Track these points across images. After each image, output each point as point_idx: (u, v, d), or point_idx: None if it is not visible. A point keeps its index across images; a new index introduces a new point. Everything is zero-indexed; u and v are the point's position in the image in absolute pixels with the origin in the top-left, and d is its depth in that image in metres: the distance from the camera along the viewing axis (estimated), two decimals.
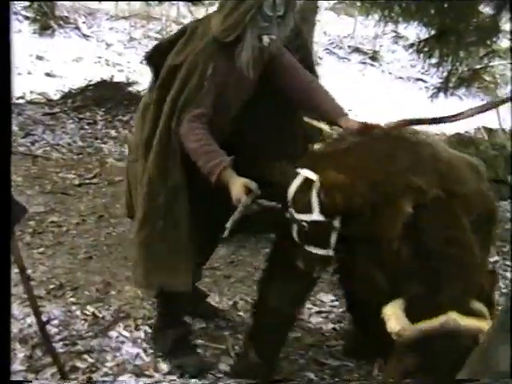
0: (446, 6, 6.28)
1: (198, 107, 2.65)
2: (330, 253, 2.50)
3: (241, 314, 3.48)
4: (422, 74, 15.45)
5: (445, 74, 7.38)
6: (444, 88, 7.26)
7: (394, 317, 2.32)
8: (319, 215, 2.42)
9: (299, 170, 2.52)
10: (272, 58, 2.80)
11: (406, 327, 2.28)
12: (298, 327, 3.30)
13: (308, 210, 2.44)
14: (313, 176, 2.46)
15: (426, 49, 6.88)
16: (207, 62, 2.65)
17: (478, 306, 2.38)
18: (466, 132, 7.64)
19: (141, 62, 14.73)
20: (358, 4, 11.23)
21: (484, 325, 2.26)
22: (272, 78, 2.83)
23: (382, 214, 2.41)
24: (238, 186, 2.52)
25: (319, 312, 3.58)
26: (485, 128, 7.30)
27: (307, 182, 2.47)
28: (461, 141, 7.18)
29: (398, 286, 2.44)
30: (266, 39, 2.65)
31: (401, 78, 16.20)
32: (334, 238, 2.47)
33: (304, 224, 2.46)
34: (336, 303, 3.68)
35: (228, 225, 2.53)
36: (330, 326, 3.46)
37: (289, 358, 3.11)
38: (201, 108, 2.65)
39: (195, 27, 2.78)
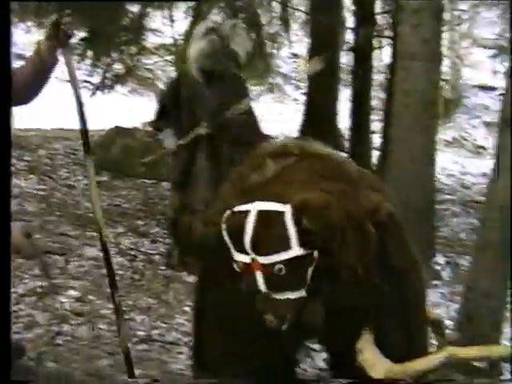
0: (95, 8, 6.53)
1: None
2: None
3: None
4: (87, 75, 15.61)
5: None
6: (101, 86, 7.61)
7: (374, 359, 2.08)
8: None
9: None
10: None
11: (395, 369, 2.09)
12: None
13: None
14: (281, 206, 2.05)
15: (79, 51, 7.11)
16: None
17: None
18: None
19: None
20: None
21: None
22: None
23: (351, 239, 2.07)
24: None
25: None
26: None
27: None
28: None
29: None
30: None
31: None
32: None
33: None
34: None
35: None
36: None
37: None
38: None
39: None
